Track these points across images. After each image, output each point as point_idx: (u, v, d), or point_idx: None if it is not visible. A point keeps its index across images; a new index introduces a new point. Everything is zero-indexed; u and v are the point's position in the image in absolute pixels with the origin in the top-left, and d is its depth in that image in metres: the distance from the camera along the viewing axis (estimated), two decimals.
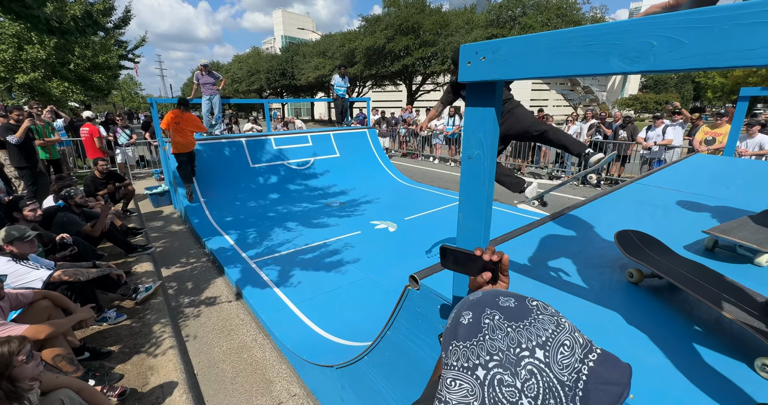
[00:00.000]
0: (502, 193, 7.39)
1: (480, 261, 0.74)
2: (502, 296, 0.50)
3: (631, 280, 1.18)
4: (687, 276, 1.03)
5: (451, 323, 0.51)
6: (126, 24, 15.39)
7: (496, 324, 0.46)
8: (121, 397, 2.17)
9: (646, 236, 1.31)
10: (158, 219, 6.00)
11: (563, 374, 0.42)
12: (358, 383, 1.73)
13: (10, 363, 1.47)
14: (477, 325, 0.47)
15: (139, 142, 9.65)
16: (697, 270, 1.07)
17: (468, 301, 0.52)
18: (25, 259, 2.65)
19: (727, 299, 0.91)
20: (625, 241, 1.26)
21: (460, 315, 0.50)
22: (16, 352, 1.51)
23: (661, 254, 1.20)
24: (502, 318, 0.46)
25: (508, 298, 0.49)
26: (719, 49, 0.48)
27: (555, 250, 1.45)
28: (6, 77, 11.82)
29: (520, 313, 0.46)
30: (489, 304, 0.49)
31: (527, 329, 0.45)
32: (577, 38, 0.60)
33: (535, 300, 0.49)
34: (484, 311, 0.48)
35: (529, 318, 0.46)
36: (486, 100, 0.78)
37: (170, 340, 2.75)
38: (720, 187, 2.33)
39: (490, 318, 0.47)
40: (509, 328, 0.45)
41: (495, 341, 0.44)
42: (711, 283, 0.99)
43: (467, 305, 0.51)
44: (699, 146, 6.27)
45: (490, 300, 0.50)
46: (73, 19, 3.97)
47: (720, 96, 34.16)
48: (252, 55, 40.98)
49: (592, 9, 18.46)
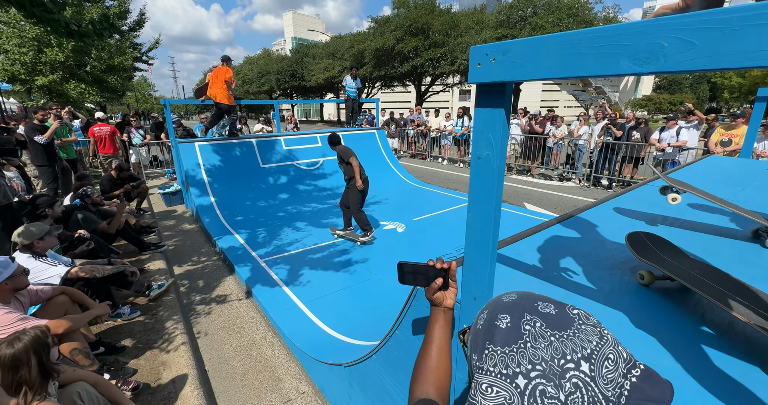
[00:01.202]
0: (511, 195, 7.35)
1: (432, 270, 0.85)
2: (541, 301, 0.49)
3: (642, 282, 1.17)
4: (699, 278, 1.02)
5: (485, 324, 0.49)
6: (141, 27, 15.72)
7: (538, 332, 0.44)
8: (135, 391, 2.22)
9: (657, 238, 1.29)
10: (170, 218, 6.11)
11: (608, 389, 0.41)
12: (366, 382, 1.75)
13: (48, 344, 1.55)
14: (517, 331, 0.45)
15: (153, 143, 9.84)
16: (709, 272, 1.06)
17: (502, 303, 0.51)
18: (43, 255, 2.73)
19: (740, 301, 0.90)
20: (636, 242, 1.25)
21: (496, 317, 0.48)
22: (47, 335, 1.59)
23: (673, 256, 1.18)
24: (543, 326, 0.45)
25: (547, 304, 0.48)
26: (730, 49, 0.48)
27: (565, 252, 1.45)
28: (26, 79, 12.17)
29: (562, 322, 0.45)
30: (528, 309, 0.47)
31: (571, 340, 0.43)
32: (587, 39, 0.61)
33: (576, 308, 0.48)
34: (524, 316, 0.46)
35: (571, 328, 0.44)
36: (496, 101, 0.78)
37: (182, 336, 2.81)
38: (735, 189, 2.29)
39: (531, 324, 0.45)
40: (552, 337, 0.43)
41: (537, 350, 0.43)
42: (723, 285, 0.97)
43: (502, 307, 0.49)
44: (714, 148, 6.14)
45: (529, 304, 0.48)
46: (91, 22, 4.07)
47: (737, 96, 33.33)
48: (262, 56, 41.43)
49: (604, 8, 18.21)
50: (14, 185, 4.88)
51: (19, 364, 1.44)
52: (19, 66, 11.73)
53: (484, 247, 0.89)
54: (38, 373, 1.48)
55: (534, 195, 7.47)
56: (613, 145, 7.85)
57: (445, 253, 4.09)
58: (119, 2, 13.73)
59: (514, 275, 1.25)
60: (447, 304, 0.85)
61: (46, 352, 1.54)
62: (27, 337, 1.49)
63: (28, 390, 1.44)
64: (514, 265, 1.33)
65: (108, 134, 7.83)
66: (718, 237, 1.56)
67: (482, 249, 0.89)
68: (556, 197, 7.28)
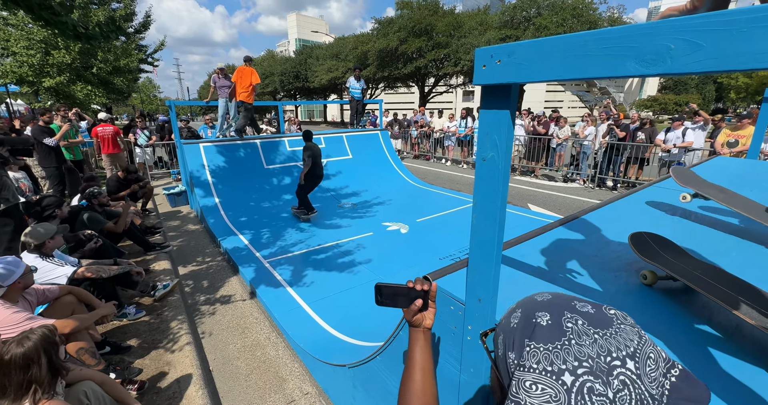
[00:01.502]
0: (515, 196, 7.32)
1: (413, 292, 0.83)
2: (577, 301, 0.49)
3: (645, 282, 1.17)
4: (702, 278, 1.01)
5: (521, 323, 0.49)
6: (146, 29, 15.86)
7: (581, 329, 0.44)
8: (141, 391, 2.24)
9: (660, 238, 1.29)
10: (175, 218, 6.14)
11: (652, 387, 0.41)
12: (370, 383, 1.75)
13: (56, 342, 1.57)
14: (559, 328, 0.45)
15: (158, 144, 9.91)
16: (712, 272, 1.05)
17: (536, 302, 0.51)
18: (50, 256, 2.75)
19: (744, 302, 0.90)
20: (639, 242, 1.24)
21: (533, 315, 0.48)
22: (54, 334, 1.61)
23: (676, 257, 1.17)
24: (585, 323, 0.45)
25: (584, 304, 0.48)
26: (738, 51, 0.48)
27: (569, 253, 1.44)
28: (34, 81, 12.30)
29: (602, 321, 0.45)
30: (567, 308, 0.47)
31: (614, 338, 0.43)
32: (593, 41, 0.61)
33: (612, 308, 0.47)
34: (563, 314, 0.46)
35: (612, 326, 0.45)
36: (501, 102, 0.78)
37: (187, 336, 2.82)
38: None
39: (573, 322, 0.45)
40: (596, 334, 0.44)
41: (583, 347, 0.43)
42: (727, 285, 0.97)
43: (538, 305, 0.50)
44: (721, 149, 6.08)
45: (566, 303, 0.48)
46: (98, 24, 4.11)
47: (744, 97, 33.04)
48: (266, 58, 41.61)
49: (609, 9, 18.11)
50: (21, 186, 4.94)
51: (30, 363, 1.45)
52: (26, 68, 11.86)
53: (489, 248, 0.89)
54: (48, 371, 1.49)
55: (538, 196, 7.44)
56: (617, 145, 7.80)
57: (449, 255, 4.08)
58: (125, 5, 13.86)
59: (518, 277, 1.25)
60: (426, 324, 0.84)
61: (56, 351, 1.56)
62: (36, 336, 1.51)
63: (38, 388, 1.46)
64: (518, 266, 1.32)
65: (111, 134, 7.87)
66: (727, 239, 1.55)
67: (487, 250, 0.89)
68: (560, 198, 7.25)
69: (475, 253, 0.92)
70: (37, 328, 1.57)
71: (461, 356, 1.09)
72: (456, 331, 1.10)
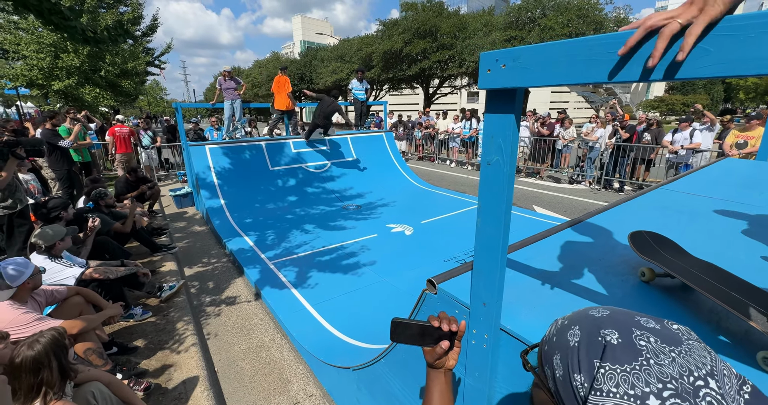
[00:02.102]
0: (520, 198, 7.28)
1: (438, 332, 0.74)
2: (639, 316, 0.46)
3: (642, 279, 1.20)
4: (699, 276, 1.03)
5: (583, 342, 0.46)
6: (153, 32, 16.02)
7: (656, 348, 0.41)
8: (147, 392, 2.25)
9: (660, 237, 1.31)
10: (181, 220, 6.19)
11: None
12: (374, 385, 1.74)
13: (65, 345, 1.59)
14: (633, 347, 0.42)
15: (164, 145, 10.01)
16: (708, 270, 1.07)
17: (596, 318, 0.47)
18: (59, 257, 2.79)
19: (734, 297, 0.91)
20: (638, 241, 1.26)
21: (598, 333, 0.45)
22: (64, 336, 1.62)
23: (674, 255, 1.19)
24: (658, 341, 0.42)
25: (647, 319, 0.45)
26: (745, 56, 0.48)
27: (575, 256, 1.43)
28: (43, 84, 12.49)
29: (672, 338, 0.42)
30: (632, 324, 0.44)
31: (690, 356, 0.40)
32: (599, 45, 0.60)
33: (674, 323, 0.45)
34: (632, 331, 0.43)
35: (683, 344, 0.42)
36: (506, 106, 0.78)
37: (192, 337, 2.84)
38: (753, 193, 2.23)
39: (645, 340, 0.42)
40: (672, 353, 0.41)
41: (663, 367, 0.40)
42: (721, 282, 0.99)
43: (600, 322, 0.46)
44: (730, 150, 6.01)
45: (629, 319, 0.45)
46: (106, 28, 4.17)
47: (753, 97, 32.62)
48: (272, 59, 41.86)
49: (615, 9, 17.95)
50: (31, 188, 5.01)
51: (40, 367, 1.47)
52: (36, 71, 12.05)
53: (494, 252, 0.88)
54: (58, 374, 1.51)
55: (543, 198, 7.40)
56: (624, 147, 7.74)
57: (453, 257, 4.07)
58: (133, 8, 14.03)
59: (523, 280, 1.24)
60: (449, 365, 0.76)
61: (65, 353, 1.58)
62: (45, 339, 1.53)
63: (48, 391, 1.48)
64: (523, 270, 1.32)
65: (126, 135, 8.25)
66: (736, 240, 1.53)
67: (492, 254, 0.89)
68: (566, 200, 7.20)
69: (480, 257, 0.92)
70: (47, 331, 1.59)
71: (465, 360, 1.09)
72: None
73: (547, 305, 1.07)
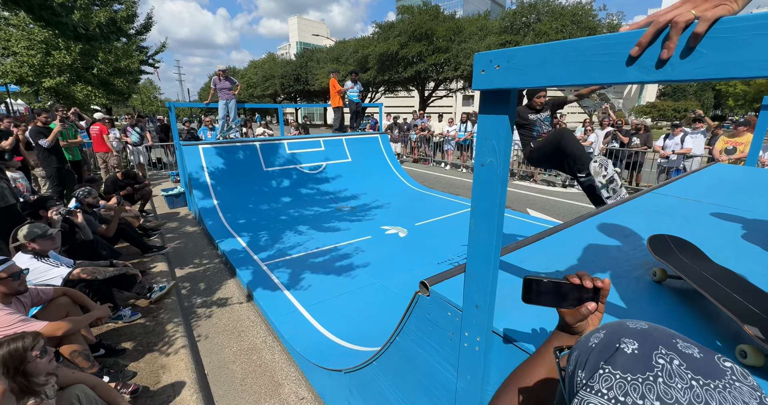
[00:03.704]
0: (514, 201, 7.32)
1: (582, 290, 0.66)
2: (681, 339, 0.42)
3: (654, 279, 1.21)
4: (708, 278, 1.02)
5: (601, 344, 0.45)
6: (147, 30, 15.90)
7: (674, 370, 0.38)
8: (134, 395, 2.21)
9: (682, 241, 1.30)
10: (173, 220, 6.12)
11: None
12: (366, 388, 1.73)
13: (25, 358, 1.52)
14: (646, 361, 0.40)
15: (156, 145, 9.91)
16: (723, 275, 1.05)
17: (627, 328, 0.45)
18: (45, 256, 2.73)
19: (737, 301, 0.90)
20: (657, 242, 1.27)
21: (618, 340, 0.44)
22: (30, 347, 1.55)
23: (691, 258, 1.18)
24: (684, 366, 0.38)
25: (689, 346, 0.41)
26: (738, 59, 0.48)
27: (568, 259, 1.43)
28: (34, 81, 12.32)
29: (709, 370, 0.38)
30: (663, 343, 0.41)
31: (720, 393, 0.36)
32: (593, 47, 0.60)
33: (729, 360, 0.40)
34: (657, 348, 0.41)
35: (722, 380, 0.37)
36: (500, 107, 0.78)
37: (182, 339, 2.80)
38: (742, 198, 2.27)
39: (666, 360, 0.39)
40: (694, 382, 0.37)
41: (671, 389, 0.37)
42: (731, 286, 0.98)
43: (628, 332, 0.45)
44: (719, 155, 6.10)
45: (664, 338, 0.42)
46: (99, 25, 4.12)
47: (742, 104, 33.27)
48: (267, 60, 41.79)
49: (608, 15, 18.23)
50: (19, 186, 4.92)
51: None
52: (27, 68, 11.88)
53: (487, 254, 0.88)
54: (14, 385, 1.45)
55: (537, 201, 7.44)
56: (616, 151, 7.84)
57: (447, 259, 4.07)
58: (127, 6, 13.91)
59: (517, 283, 1.24)
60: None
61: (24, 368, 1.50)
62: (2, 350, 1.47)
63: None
64: (517, 272, 1.31)
65: (97, 133, 8.03)
66: (729, 243, 1.54)
67: (485, 256, 0.89)
68: (559, 204, 7.25)
69: (473, 259, 0.92)
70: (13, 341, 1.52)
71: (458, 363, 1.08)
72: (453, 337, 1.09)
73: (540, 308, 1.07)
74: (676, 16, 0.51)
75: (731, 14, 0.50)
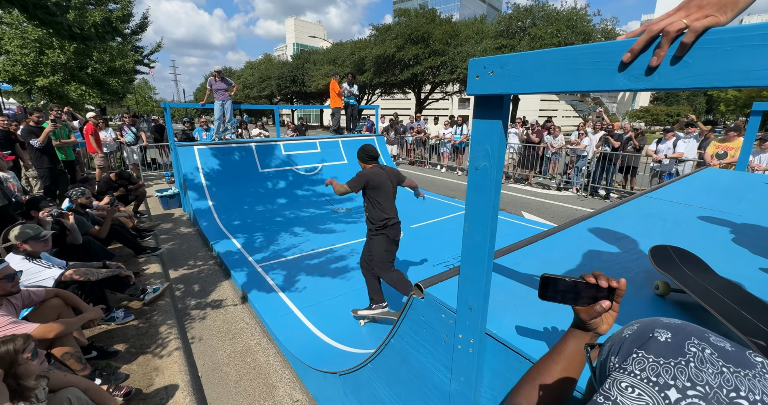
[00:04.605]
0: (509, 203, 7.36)
1: (592, 289, 0.68)
2: (713, 335, 0.44)
3: (657, 292, 1.16)
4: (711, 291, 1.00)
5: (634, 334, 0.47)
6: (143, 30, 15.83)
7: (706, 358, 0.40)
8: (127, 397, 2.19)
9: (684, 252, 1.27)
10: (168, 221, 6.08)
11: None
12: (361, 391, 1.73)
13: (15, 361, 1.50)
14: (679, 348, 0.42)
15: (151, 145, 9.83)
16: (727, 288, 1.04)
17: (661, 322, 0.47)
18: (37, 257, 2.70)
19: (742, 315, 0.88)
20: (659, 254, 1.23)
21: (652, 330, 0.46)
22: (21, 350, 1.54)
23: (695, 271, 1.15)
24: (716, 355, 0.41)
25: (721, 339, 0.44)
26: (723, 69, 0.49)
27: (561, 262, 1.45)
28: (27, 80, 12.19)
29: (740, 360, 0.40)
30: (696, 335, 0.43)
31: (749, 380, 0.38)
32: (584, 55, 0.62)
33: (760, 355, 0.42)
34: (690, 339, 0.43)
35: (752, 370, 0.40)
36: (494, 112, 0.79)
37: (176, 341, 2.78)
38: (731, 202, 2.30)
39: (698, 348, 0.41)
40: (725, 368, 0.39)
41: (702, 373, 0.39)
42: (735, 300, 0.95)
43: (662, 324, 0.46)
44: (710, 160, 6.19)
45: (697, 331, 0.44)
46: (94, 25, 4.09)
47: (733, 109, 33.79)
48: (264, 61, 41.72)
49: (602, 21, 18.46)
50: (10, 186, 4.86)
51: None
52: (20, 67, 11.76)
53: (481, 257, 0.89)
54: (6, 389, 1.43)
55: (531, 204, 7.49)
56: (610, 155, 7.92)
57: (442, 262, 4.08)
58: (122, 6, 13.84)
59: (511, 285, 1.25)
60: (602, 330, 0.69)
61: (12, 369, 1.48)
62: None
63: None
64: (510, 275, 1.33)
65: (87, 134, 7.90)
66: (720, 246, 1.57)
67: (479, 259, 0.90)
68: (554, 207, 7.30)
69: (467, 262, 0.93)
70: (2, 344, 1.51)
71: (452, 365, 1.09)
72: (447, 339, 1.10)
73: (533, 310, 1.08)
74: (668, 25, 0.52)
75: (719, 25, 0.51)
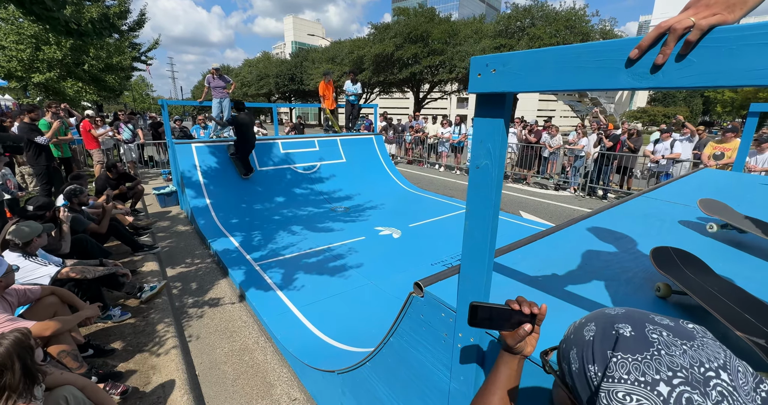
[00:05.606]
0: (507, 203, 7.38)
1: (516, 315, 0.73)
2: (653, 315, 0.48)
3: (658, 294, 1.15)
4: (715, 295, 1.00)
5: (598, 335, 0.48)
6: (140, 27, 15.70)
7: (667, 340, 0.43)
8: (123, 396, 2.18)
9: (686, 254, 1.27)
10: (165, 219, 6.05)
11: (747, 401, 0.40)
12: (359, 389, 1.73)
13: (31, 346, 1.51)
14: (645, 339, 0.44)
15: (148, 143, 9.79)
16: (729, 290, 1.04)
17: (610, 314, 0.50)
18: (33, 255, 2.69)
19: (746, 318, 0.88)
20: (660, 256, 1.22)
21: (612, 327, 0.48)
22: (29, 337, 1.55)
23: (696, 273, 1.16)
24: (671, 335, 0.44)
25: (661, 318, 0.47)
26: (727, 68, 0.49)
27: (560, 262, 1.45)
28: (23, 76, 12.07)
29: (685, 333, 0.44)
30: (646, 320, 0.47)
31: (703, 350, 0.42)
32: (587, 53, 0.62)
33: (689, 323, 0.47)
34: (645, 326, 0.46)
35: (696, 339, 0.44)
36: (495, 111, 0.79)
37: (173, 339, 2.77)
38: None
39: (657, 334, 0.44)
40: (684, 346, 0.43)
41: (674, 357, 0.42)
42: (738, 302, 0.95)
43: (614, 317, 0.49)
44: (707, 161, 6.22)
45: (643, 316, 0.48)
46: (91, 21, 4.06)
47: (729, 111, 33.98)
48: (262, 59, 41.56)
49: (601, 21, 18.49)
50: (7, 183, 4.82)
51: (3, 369, 1.40)
52: (16, 63, 11.64)
53: (481, 255, 0.89)
54: (22, 376, 1.44)
55: (529, 203, 7.51)
56: (607, 155, 7.95)
57: (441, 261, 4.09)
58: (120, 2, 13.72)
59: (510, 284, 1.25)
60: (527, 352, 0.74)
61: (31, 355, 1.50)
62: (8, 341, 1.45)
63: (11, 395, 1.41)
64: (510, 274, 1.33)
65: (84, 131, 7.93)
66: (720, 249, 1.58)
67: (479, 258, 0.90)
68: (551, 206, 7.32)
69: (467, 260, 0.93)
70: (9, 333, 1.51)
71: (451, 364, 1.09)
72: (447, 338, 1.10)
73: None
74: (676, 22, 0.52)
75: (726, 24, 0.51)
